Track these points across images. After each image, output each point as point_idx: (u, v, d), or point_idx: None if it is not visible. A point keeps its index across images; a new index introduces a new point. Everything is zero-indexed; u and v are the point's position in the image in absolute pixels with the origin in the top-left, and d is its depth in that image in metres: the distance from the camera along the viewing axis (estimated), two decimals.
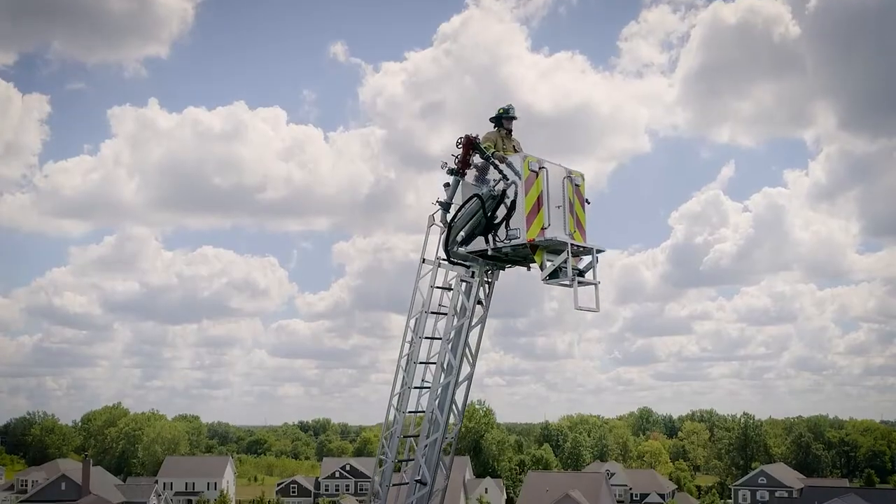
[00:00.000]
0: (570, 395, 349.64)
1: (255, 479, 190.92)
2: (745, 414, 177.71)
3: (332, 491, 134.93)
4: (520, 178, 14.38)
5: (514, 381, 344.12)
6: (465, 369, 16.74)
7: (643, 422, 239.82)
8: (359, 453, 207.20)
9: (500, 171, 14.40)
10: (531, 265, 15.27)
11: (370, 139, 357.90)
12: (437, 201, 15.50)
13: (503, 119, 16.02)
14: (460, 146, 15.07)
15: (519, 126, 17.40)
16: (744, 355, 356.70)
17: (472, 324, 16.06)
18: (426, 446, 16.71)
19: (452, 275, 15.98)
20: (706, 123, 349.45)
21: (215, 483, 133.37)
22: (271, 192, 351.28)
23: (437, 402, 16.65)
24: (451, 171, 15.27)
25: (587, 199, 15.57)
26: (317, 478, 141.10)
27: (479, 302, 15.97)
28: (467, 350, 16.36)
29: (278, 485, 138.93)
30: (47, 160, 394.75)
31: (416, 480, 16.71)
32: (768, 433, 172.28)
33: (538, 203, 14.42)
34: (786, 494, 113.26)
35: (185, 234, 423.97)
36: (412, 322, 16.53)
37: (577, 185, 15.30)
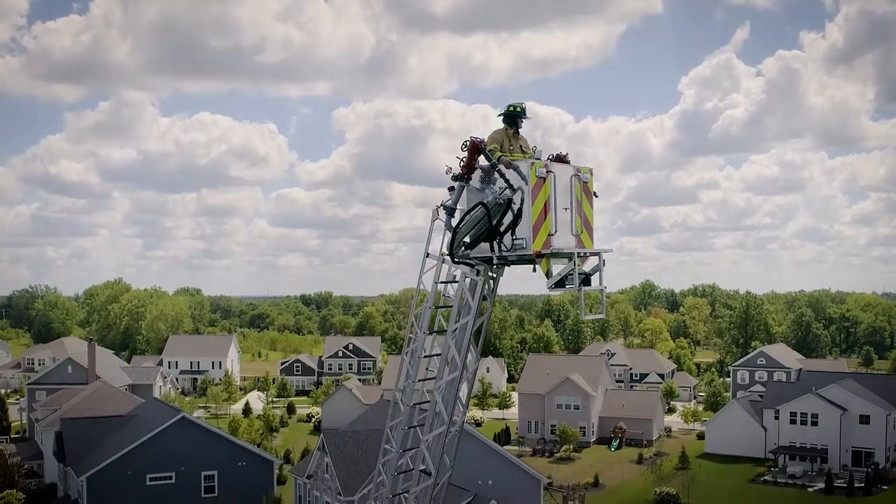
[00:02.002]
0: None
1: (259, 355, 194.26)
2: (747, 292, 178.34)
3: (336, 370, 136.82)
4: (526, 184, 14.02)
5: None
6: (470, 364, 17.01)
7: (645, 296, 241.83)
8: (360, 328, 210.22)
9: (507, 181, 14.01)
10: (537, 267, 15.10)
11: None
12: (442, 205, 15.26)
13: (515, 118, 15.50)
14: (465, 149, 14.59)
15: None
16: (749, 225, 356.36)
17: (477, 320, 16.06)
18: (429, 439, 16.87)
19: (457, 267, 15.98)
20: None
21: (220, 362, 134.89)
22: (270, 55, 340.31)
23: (441, 396, 16.53)
24: (455, 178, 14.96)
25: (595, 193, 15.41)
26: (320, 356, 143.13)
27: (484, 298, 15.97)
28: (471, 348, 16.43)
29: (282, 363, 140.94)
30: (35, 21, 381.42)
31: (421, 470, 17.20)
32: (769, 312, 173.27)
33: (545, 210, 14.20)
34: (784, 376, 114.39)
35: (182, 99, 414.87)
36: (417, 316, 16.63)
37: (584, 182, 15.08)
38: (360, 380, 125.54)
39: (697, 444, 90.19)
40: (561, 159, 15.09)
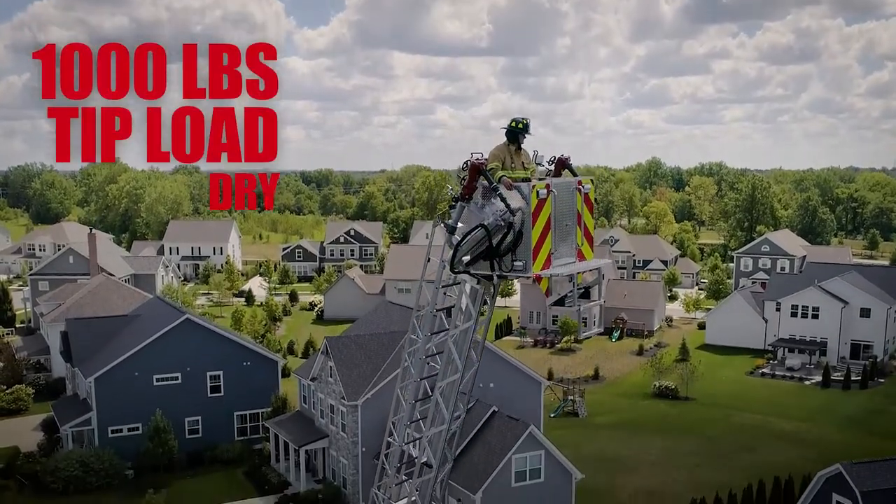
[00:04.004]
0: (579, 138, 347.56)
1: (260, 237, 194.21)
2: (753, 176, 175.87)
3: (337, 255, 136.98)
4: (527, 205, 14.15)
5: None
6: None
7: (651, 174, 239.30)
8: (362, 208, 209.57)
9: (507, 205, 14.19)
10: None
11: None
12: (443, 222, 15.64)
13: (517, 134, 15.48)
14: (466, 169, 14.85)
15: None
16: (760, 97, 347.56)
17: (477, 324, 16.81)
18: (430, 435, 17.68)
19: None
20: None
21: (221, 247, 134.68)
22: None
23: (441, 396, 16.97)
24: (456, 199, 15.21)
25: (595, 200, 15.87)
26: (321, 242, 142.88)
27: (484, 302, 16.54)
28: (472, 350, 17.21)
29: (283, 249, 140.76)
30: None
31: (423, 463, 17.97)
32: (775, 195, 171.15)
33: (546, 229, 14.38)
34: (787, 264, 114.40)
35: None
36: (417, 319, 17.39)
37: (585, 194, 15.28)
38: (361, 266, 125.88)
39: (698, 335, 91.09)
40: (563, 163, 15.41)
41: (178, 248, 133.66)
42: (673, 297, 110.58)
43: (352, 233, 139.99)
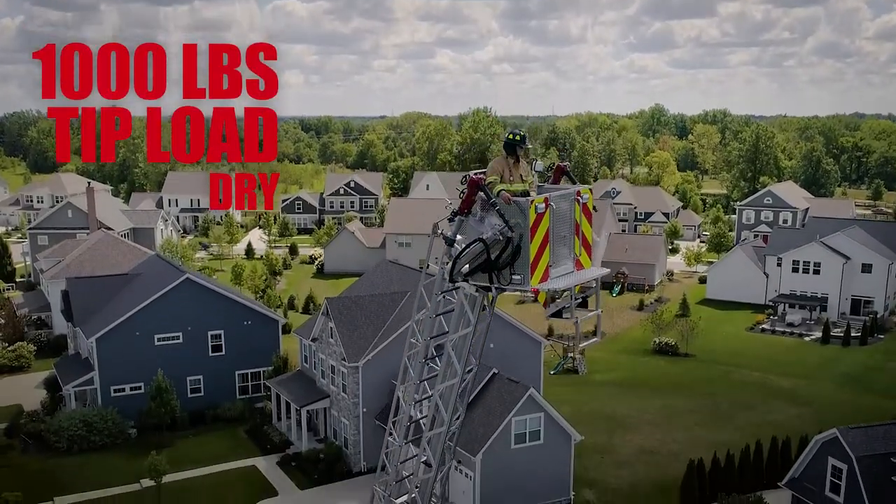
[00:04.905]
0: (582, 83, 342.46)
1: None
2: (757, 125, 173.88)
3: (337, 207, 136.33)
4: (525, 219, 14.16)
5: (524, 68, 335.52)
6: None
7: (654, 122, 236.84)
8: (362, 157, 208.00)
9: (506, 221, 14.28)
10: None
11: None
12: (442, 234, 15.56)
13: (514, 147, 15.51)
14: (465, 183, 14.92)
15: None
16: (766, 40, 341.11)
17: (476, 329, 16.82)
18: (430, 437, 17.85)
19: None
20: None
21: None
22: None
23: (441, 399, 17.06)
24: (455, 213, 15.33)
25: (594, 208, 15.83)
26: (321, 194, 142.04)
27: (483, 308, 16.58)
28: (471, 356, 17.29)
29: (283, 200, 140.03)
30: None
31: (423, 462, 18.33)
32: (779, 144, 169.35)
33: (544, 243, 14.42)
34: (790, 216, 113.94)
35: None
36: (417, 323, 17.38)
37: (583, 203, 15.38)
38: (361, 219, 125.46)
39: (699, 289, 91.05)
40: (562, 171, 15.59)
41: (177, 200, 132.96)
42: (674, 251, 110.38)
43: (352, 184, 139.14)
